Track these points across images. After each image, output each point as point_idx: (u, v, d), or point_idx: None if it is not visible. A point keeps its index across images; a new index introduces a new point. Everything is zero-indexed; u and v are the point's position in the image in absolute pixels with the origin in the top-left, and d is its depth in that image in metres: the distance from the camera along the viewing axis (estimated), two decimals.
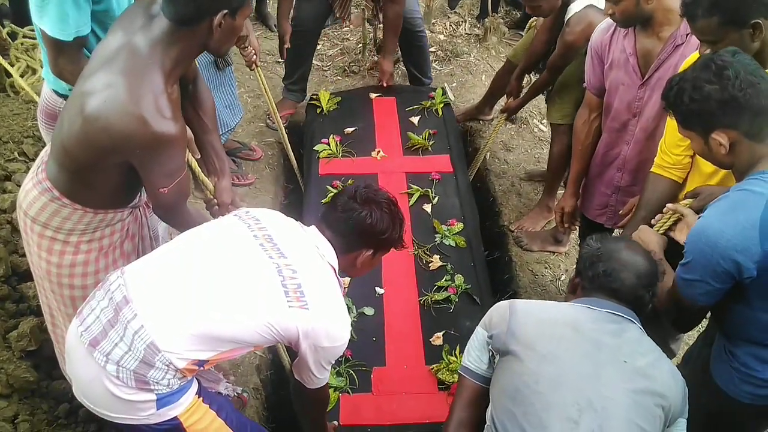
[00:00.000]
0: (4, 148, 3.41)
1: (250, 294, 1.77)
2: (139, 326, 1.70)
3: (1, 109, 3.67)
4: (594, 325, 1.76)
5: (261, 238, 1.85)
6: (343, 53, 5.08)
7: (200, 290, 1.75)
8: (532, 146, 4.30)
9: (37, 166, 2.02)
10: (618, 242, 1.93)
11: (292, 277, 1.78)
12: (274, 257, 1.80)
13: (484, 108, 4.42)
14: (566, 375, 1.68)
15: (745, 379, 1.86)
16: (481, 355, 1.94)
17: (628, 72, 2.61)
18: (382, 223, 1.94)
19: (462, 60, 5.08)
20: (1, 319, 2.63)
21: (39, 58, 4.11)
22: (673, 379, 1.74)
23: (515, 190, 3.99)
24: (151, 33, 1.82)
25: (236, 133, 4.06)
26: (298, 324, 1.77)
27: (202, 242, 1.87)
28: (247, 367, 2.87)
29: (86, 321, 1.77)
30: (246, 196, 3.72)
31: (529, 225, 3.68)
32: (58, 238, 2.01)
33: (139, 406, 1.74)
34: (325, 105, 4.11)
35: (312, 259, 1.87)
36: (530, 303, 1.93)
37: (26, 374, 2.46)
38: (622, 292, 1.80)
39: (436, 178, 3.64)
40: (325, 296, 1.84)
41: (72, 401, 2.57)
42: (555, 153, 3.51)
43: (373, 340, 2.81)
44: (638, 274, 1.80)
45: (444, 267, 3.16)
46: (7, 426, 2.34)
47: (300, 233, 1.94)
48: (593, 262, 1.85)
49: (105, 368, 1.69)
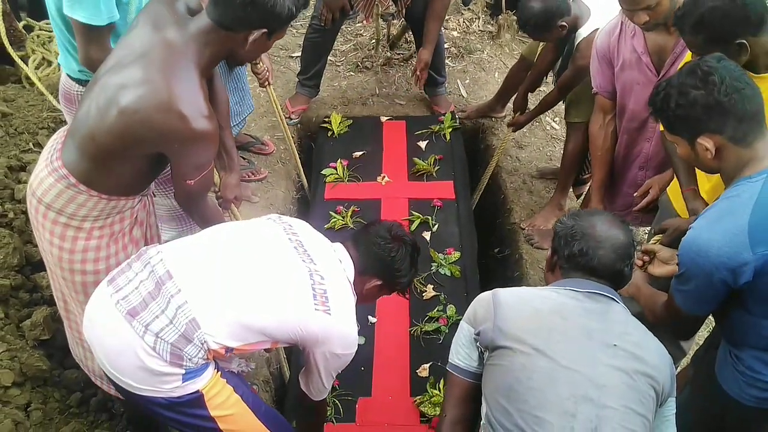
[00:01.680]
0: (20, 138, 3.43)
1: (283, 290, 1.86)
2: (183, 301, 1.76)
3: (16, 100, 3.70)
4: (580, 310, 1.73)
5: (294, 242, 1.95)
6: (356, 49, 5.08)
7: (239, 279, 1.84)
8: (544, 144, 4.29)
9: (50, 153, 2.04)
10: (591, 217, 1.85)
11: (320, 282, 1.88)
12: (306, 261, 1.91)
13: (497, 105, 4.40)
14: (559, 368, 1.65)
15: (751, 383, 1.86)
16: (470, 353, 1.89)
17: (642, 71, 2.60)
18: (403, 262, 2.10)
19: (475, 57, 5.06)
20: (15, 308, 2.65)
21: (55, 50, 4.15)
22: (662, 358, 1.73)
23: (527, 187, 3.97)
24: (187, 30, 1.90)
25: (249, 126, 4.07)
26: (319, 327, 1.86)
27: (241, 235, 1.96)
28: (257, 360, 2.89)
29: (123, 290, 1.82)
30: (258, 190, 3.73)
31: (541, 223, 3.67)
32: (72, 225, 2.04)
33: (165, 379, 1.77)
34: (336, 128, 4.16)
35: (336, 271, 1.97)
36: (513, 292, 1.86)
37: (39, 363, 2.49)
38: (600, 270, 1.77)
39: (437, 205, 3.65)
40: (345, 306, 1.94)
41: (84, 390, 2.60)
42: (569, 151, 3.49)
43: (361, 369, 2.80)
44: (615, 248, 1.76)
45: (437, 297, 3.16)
46: (20, 414, 2.36)
47: (327, 246, 2.05)
48: (568, 241, 1.81)
49: (143, 338, 1.74)
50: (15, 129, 3.47)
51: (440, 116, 4.26)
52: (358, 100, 4.56)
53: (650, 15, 2.43)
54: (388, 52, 4.98)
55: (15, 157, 3.25)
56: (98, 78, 1.95)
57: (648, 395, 1.65)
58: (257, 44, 1.94)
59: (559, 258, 1.85)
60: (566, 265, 1.82)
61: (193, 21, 1.91)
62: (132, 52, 1.89)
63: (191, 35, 1.89)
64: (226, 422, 1.90)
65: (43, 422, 2.41)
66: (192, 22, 1.91)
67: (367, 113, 4.45)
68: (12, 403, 2.38)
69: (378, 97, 4.62)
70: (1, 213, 2.86)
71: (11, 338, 2.51)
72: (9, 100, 3.69)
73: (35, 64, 4.06)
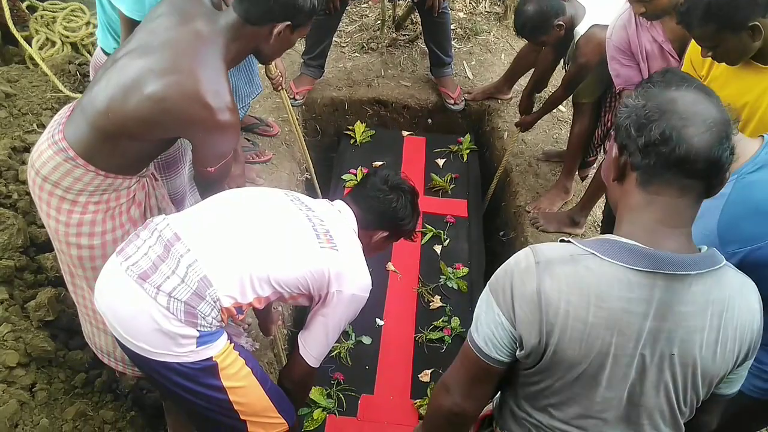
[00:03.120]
0: (24, 119, 3.42)
1: (286, 236, 1.91)
2: (193, 260, 1.79)
3: (20, 81, 3.69)
4: (641, 308, 1.28)
5: (290, 196, 2.04)
6: (361, 30, 5.04)
7: (244, 233, 1.88)
8: (550, 126, 4.25)
9: (54, 128, 2.05)
10: (667, 91, 1.32)
11: (320, 224, 1.95)
12: (303, 209, 1.98)
13: (503, 87, 4.38)
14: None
15: (756, 374, 1.84)
16: (505, 346, 1.41)
17: (665, 59, 2.58)
18: (404, 210, 2.16)
19: (481, 38, 5.02)
20: (20, 289, 2.66)
21: (58, 31, 4.13)
22: (730, 354, 1.37)
23: (532, 170, 3.95)
24: (216, 24, 1.96)
25: (253, 108, 4.05)
26: (330, 266, 1.89)
27: (241, 196, 2.02)
28: (261, 342, 2.89)
29: (132, 257, 1.84)
30: (262, 172, 3.72)
31: (546, 206, 3.65)
32: (67, 198, 2.05)
33: (180, 341, 1.78)
34: (359, 137, 4.28)
35: (336, 217, 2.05)
36: (562, 285, 1.30)
37: (44, 344, 2.50)
38: (692, 160, 1.23)
39: (450, 222, 3.79)
40: (351, 244, 2.00)
41: (89, 371, 2.61)
42: (576, 132, 3.47)
43: (366, 368, 2.96)
44: (708, 125, 1.24)
45: (444, 308, 3.29)
46: (25, 394, 2.38)
47: (325, 201, 2.14)
48: (642, 124, 1.27)
49: (156, 299, 1.75)
50: (19, 110, 3.46)
51: (460, 138, 4.36)
52: (363, 82, 4.54)
53: (647, 7, 2.42)
54: (394, 33, 4.94)
55: (19, 138, 3.24)
56: (117, 58, 1.98)
57: (694, 396, 1.40)
58: (282, 38, 2.01)
59: (630, 155, 1.31)
60: (643, 163, 1.28)
61: (222, 15, 1.98)
62: (157, 38, 1.94)
63: (220, 29, 1.96)
64: (236, 394, 1.90)
65: (48, 402, 2.43)
66: (221, 17, 1.98)
67: (372, 95, 4.44)
68: (17, 383, 2.39)
69: (383, 78, 4.59)
70: (5, 194, 2.86)
71: (16, 319, 2.52)
72: (12, 80, 3.67)
73: (39, 44, 4.04)
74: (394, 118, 4.56)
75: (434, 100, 4.50)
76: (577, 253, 1.31)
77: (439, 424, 1.62)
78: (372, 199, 2.14)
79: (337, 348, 3.01)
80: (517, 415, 1.54)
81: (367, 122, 4.42)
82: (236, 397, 1.90)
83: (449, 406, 1.51)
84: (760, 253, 1.55)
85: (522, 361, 1.41)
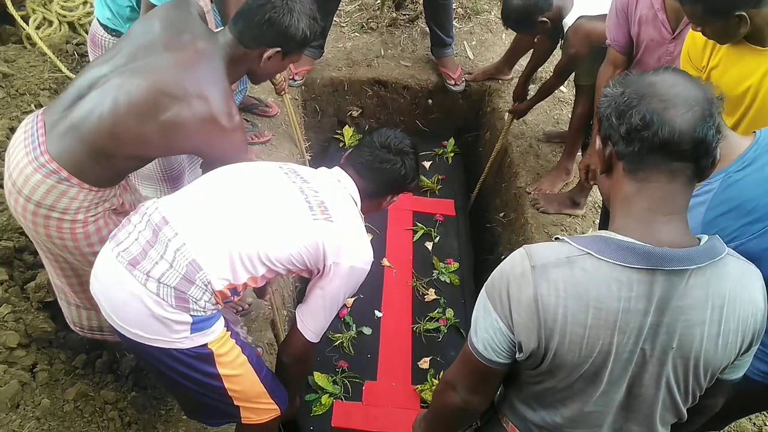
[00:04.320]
0: (21, 100, 3.40)
1: (277, 211, 1.86)
2: (181, 244, 1.78)
3: (17, 61, 3.66)
4: (641, 304, 1.26)
5: (285, 169, 1.99)
6: (361, 9, 4.99)
7: (233, 212, 1.85)
8: (551, 107, 4.23)
9: (32, 144, 1.96)
10: (644, 76, 1.30)
11: (314, 195, 1.90)
12: (296, 181, 1.93)
13: (504, 67, 4.35)
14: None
15: (761, 357, 1.84)
16: (505, 350, 1.39)
17: (657, 27, 2.57)
18: (412, 172, 2.12)
19: (482, 18, 4.98)
20: (19, 270, 2.65)
21: (56, 11, 4.09)
22: (732, 345, 1.35)
23: (533, 151, 3.94)
24: (215, 43, 2.01)
25: (253, 89, 4.03)
26: (324, 238, 1.84)
27: (233, 173, 1.97)
28: (261, 323, 2.90)
29: (123, 243, 1.83)
30: (262, 153, 3.70)
31: (547, 187, 3.64)
32: (66, 218, 2.02)
33: (174, 327, 1.77)
34: (347, 140, 4.42)
35: (334, 186, 2.00)
36: (559, 290, 1.27)
37: (44, 325, 2.50)
38: (676, 142, 1.20)
39: (439, 220, 4.04)
40: (349, 215, 1.94)
41: (89, 352, 2.61)
42: (578, 114, 3.46)
43: (368, 356, 3.16)
44: (689, 105, 1.22)
45: (438, 300, 3.53)
46: (26, 375, 2.38)
47: (323, 169, 2.09)
48: (622, 112, 1.25)
49: (146, 286, 1.74)
50: (16, 90, 3.44)
51: (444, 141, 4.60)
52: (363, 62, 4.50)
53: None
54: (394, 13, 4.89)
55: (17, 118, 3.22)
56: (107, 74, 1.95)
57: (696, 386, 1.38)
58: (272, 63, 2.06)
59: (614, 144, 1.28)
60: (627, 150, 1.25)
61: (219, 35, 2.03)
62: (158, 56, 1.95)
63: (219, 48, 2.00)
64: (231, 382, 1.90)
65: (48, 383, 2.43)
66: (219, 36, 2.03)
67: (372, 75, 4.42)
68: (18, 364, 2.40)
69: (383, 58, 4.56)
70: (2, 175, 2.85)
71: (16, 300, 2.52)
72: (10, 60, 3.65)
73: (36, 23, 4.00)
74: (394, 98, 4.54)
75: (434, 81, 4.47)
76: (573, 254, 1.28)
77: (446, 420, 1.63)
78: (377, 170, 2.06)
79: (339, 338, 3.17)
80: (518, 411, 1.54)
81: (366, 103, 4.40)
82: (231, 385, 1.91)
83: (457, 403, 1.51)
84: (741, 250, 1.55)
85: (523, 363, 1.39)
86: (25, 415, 2.30)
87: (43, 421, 2.32)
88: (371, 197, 2.08)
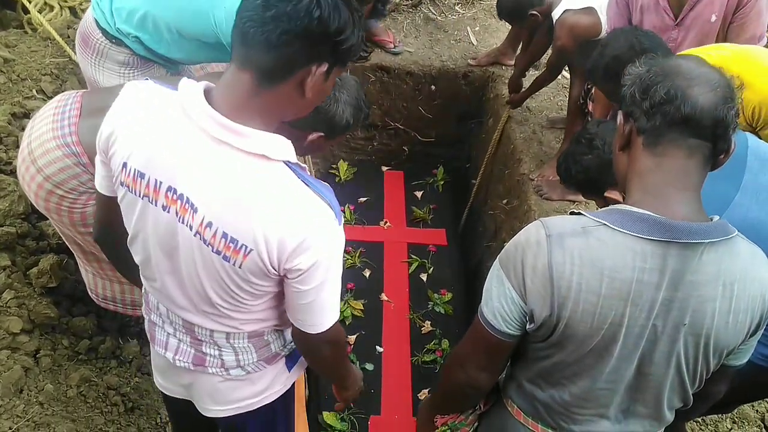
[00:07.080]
0: (22, 85, 3.39)
1: (199, 286, 1.45)
2: (221, 333, 1.57)
3: (18, 46, 3.64)
4: (654, 276, 1.26)
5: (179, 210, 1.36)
6: None
7: (185, 291, 1.49)
8: (554, 93, 4.20)
9: (62, 123, 1.96)
10: (670, 58, 1.41)
11: (211, 232, 1.33)
12: (193, 224, 1.35)
13: (508, 50, 4.33)
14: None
15: (763, 341, 1.84)
16: (515, 319, 1.39)
17: (659, 14, 2.55)
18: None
19: (485, 3, 4.94)
20: (22, 255, 2.65)
21: None
22: (742, 326, 1.36)
23: (537, 138, 3.91)
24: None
25: None
26: (260, 263, 1.34)
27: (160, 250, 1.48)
28: None
29: (168, 345, 1.66)
30: None
31: (550, 174, 3.61)
32: (68, 197, 2.06)
33: (276, 380, 1.72)
34: (342, 174, 4.66)
35: (217, 170, 1.29)
36: (574, 258, 1.28)
37: (47, 310, 2.50)
38: (697, 118, 1.24)
39: (432, 251, 4.20)
40: (259, 201, 1.30)
41: (92, 337, 2.62)
42: (575, 96, 3.43)
43: (371, 391, 3.31)
44: (712, 86, 1.25)
45: (434, 331, 3.72)
46: (29, 360, 2.39)
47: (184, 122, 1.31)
48: (647, 86, 1.28)
49: (230, 373, 1.64)
50: (17, 75, 3.42)
51: (434, 169, 4.79)
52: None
53: None
54: None
55: (18, 104, 3.20)
56: None
57: (705, 366, 1.39)
58: (315, 145, 1.87)
59: (636, 120, 1.31)
60: (648, 125, 1.28)
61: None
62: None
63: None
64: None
65: (52, 368, 2.44)
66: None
67: (374, 61, 4.39)
68: (21, 349, 2.40)
69: None
70: (5, 161, 2.84)
71: (19, 286, 2.52)
72: (11, 45, 3.63)
73: (37, 8, 3.97)
74: (397, 84, 4.51)
75: (438, 67, 4.44)
76: (588, 224, 1.30)
77: (454, 396, 1.64)
78: (270, 32, 1.22)
79: None
80: (525, 390, 1.53)
81: (369, 89, 4.37)
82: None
83: (465, 380, 1.52)
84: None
85: (532, 335, 1.39)
86: (29, 400, 2.31)
87: (46, 406, 2.33)
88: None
